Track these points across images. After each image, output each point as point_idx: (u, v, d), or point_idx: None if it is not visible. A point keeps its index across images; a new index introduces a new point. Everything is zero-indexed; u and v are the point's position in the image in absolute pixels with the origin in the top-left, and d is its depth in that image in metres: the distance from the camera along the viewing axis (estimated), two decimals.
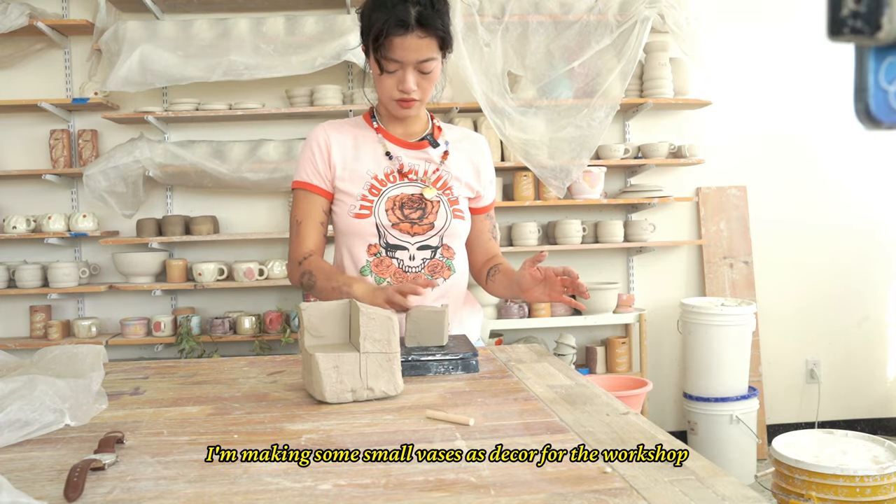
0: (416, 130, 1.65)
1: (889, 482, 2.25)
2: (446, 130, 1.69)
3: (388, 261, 1.58)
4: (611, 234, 3.51)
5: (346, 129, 1.64)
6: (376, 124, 1.63)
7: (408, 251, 1.58)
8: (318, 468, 0.82)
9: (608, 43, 3.33)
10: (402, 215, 1.57)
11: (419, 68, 1.49)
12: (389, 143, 1.61)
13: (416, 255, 1.58)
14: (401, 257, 1.57)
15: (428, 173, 1.60)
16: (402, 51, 1.45)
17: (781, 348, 3.85)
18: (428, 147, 1.63)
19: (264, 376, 1.31)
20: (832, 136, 3.83)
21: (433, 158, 1.62)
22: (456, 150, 1.66)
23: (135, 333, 3.35)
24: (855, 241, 3.87)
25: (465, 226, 1.63)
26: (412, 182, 1.59)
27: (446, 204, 1.59)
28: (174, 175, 3.34)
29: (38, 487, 0.79)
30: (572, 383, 1.20)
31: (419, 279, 1.53)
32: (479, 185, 1.68)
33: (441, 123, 1.70)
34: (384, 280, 1.58)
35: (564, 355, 3.49)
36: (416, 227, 1.57)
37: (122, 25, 3.25)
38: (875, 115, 0.46)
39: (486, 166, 1.70)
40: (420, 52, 1.46)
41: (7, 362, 1.29)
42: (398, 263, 1.58)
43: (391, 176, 1.59)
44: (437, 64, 1.51)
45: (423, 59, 1.47)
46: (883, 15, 0.43)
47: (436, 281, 1.58)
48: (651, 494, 0.72)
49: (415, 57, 1.46)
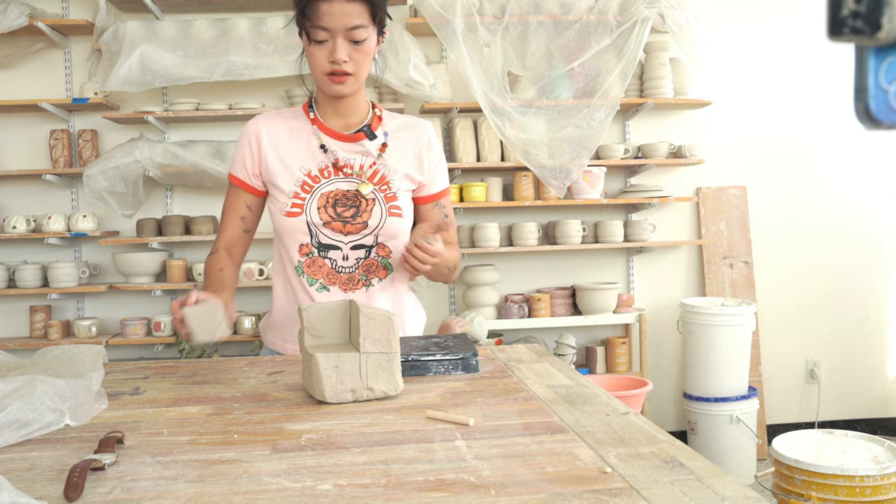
0: (354, 121, 1.56)
1: (889, 482, 2.25)
2: (388, 120, 1.60)
3: (320, 261, 1.53)
4: (611, 234, 3.51)
5: (282, 120, 1.58)
6: (312, 115, 1.56)
7: (341, 251, 1.53)
8: (318, 468, 0.82)
9: (608, 43, 3.33)
10: (335, 213, 1.51)
11: (349, 37, 1.42)
12: (324, 135, 1.54)
13: (349, 255, 1.53)
14: (334, 257, 1.53)
15: (364, 167, 1.54)
16: (330, 17, 1.40)
17: (781, 348, 3.85)
18: (364, 139, 1.55)
19: (264, 376, 1.31)
20: (832, 137, 3.83)
21: (370, 151, 1.55)
22: (396, 139, 1.58)
23: (135, 333, 3.35)
24: (855, 241, 3.87)
25: (403, 223, 1.56)
26: (348, 177, 1.53)
27: (382, 201, 1.53)
28: (174, 175, 3.34)
29: (38, 487, 0.79)
30: (572, 383, 1.20)
31: None
32: (421, 176, 1.59)
33: (385, 112, 1.61)
34: (316, 281, 1.54)
35: (564, 355, 3.49)
36: (349, 226, 1.51)
37: (122, 25, 3.25)
38: (875, 115, 0.46)
39: (431, 155, 1.60)
40: (349, 18, 1.40)
41: (7, 362, 1.29)
42: (331, 263, 1.53)
43: (325, 171, 1.53)
44: (369, 33, 1.44)
45: (353, 26, 1.41)
46: (883, 15, 0.43)
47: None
48: (651, 494, 0.72)
49: (343, 23, 1.40)
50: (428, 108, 3.43)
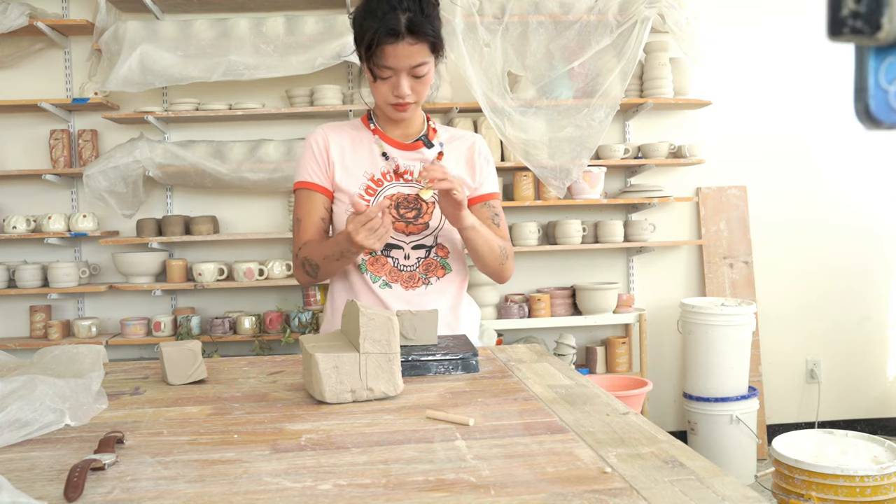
0: (412, 132, 1.67)
1: (889, 482, 2.25)
2: (441, 131, 1.70)
3: (383, 259, 1.60)
4: (611, 234, 3.51)
5: (344, 130, 1.67)
6: (373, 126, 1.66)
7: (402, 250, 1.59)
8: (318, 468, 0.82)
9: (608, 43, 3.33)
10: (398, 214, 1.58)
11: (412, 73, 1.50)
12: (386, 144, 1.64)
13: (410, 254, 1.60)
14: (396, 256, 1.59)
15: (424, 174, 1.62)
16: (395, 59, 1.47)
17: (781, 348, 3.85)
18: (423, 148, 1.64)
19: (264, 376, 1.31)
20: (832, 137, 3.83)
21: (428, 159, 1.64)
22: (450, 149, 1.67)
23: (135, 333, 3.35)
24: (855, 241, 3.87)
25: None
26: (408, 182, 1.62)
27: None
28: (174, 175, 3.34)
29: (38, 487, 0.79)
30: (572, 383, 1.20)
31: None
32: (473, 181, 1.67)
33: (437, 125, 1.72)
34: (379, 278, 1.60)
35: (564, 355, 3.49)
36: (411, 227, 1.59)
37: (122, 25, 3.25)
38: (875, 115, 0.46)
39: (482, 162, 1.69)
40: (412, 59, 1.48)
41: (7, 362, 1.29)
42: (393, 262, 1.60)
43: (387, 175, 1.62)
44: (429, 67, 1.52)
45: (416, 65, 1.49)
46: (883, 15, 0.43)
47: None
48: (651, 494, 0.72)
49: (407, 63, 1.48)
50: (428, 108, 3.41)
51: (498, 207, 1.72)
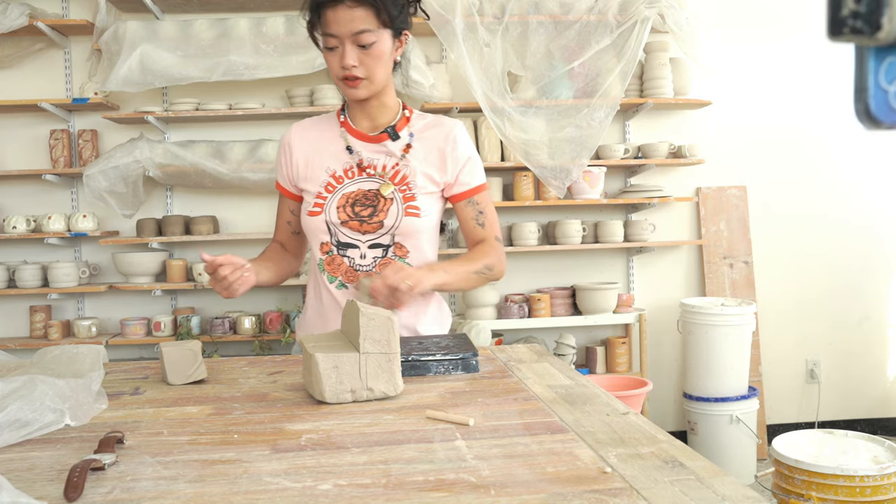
0: (382, 122, 1.60)
1: (889, 482, 2.25)
2: (416, 120, 1.62)
3: (339, 259, 1.57)
4: (611, 234, 3.51)
5: (315, 126, 1.65)
6: (343, 117, 1.62)
7: (359, 249, 1.56)
8: (318, 468, 0.82)
9: (608, 43, 3.33)
10: (353, 213, 1.55)
11: (357, 41, 1.45)
12: (351, 136, 1.59)
13: (367, 254, 1.56)
14: (352, 255, 1.57)
15: (387, 168, 1.57)
16: (336, 24, 1.43)
17: (781, 348, 3.85)
18: (387, 140, 1.58)
19: (264, 376, 1.31)
20: (832, 137, 3.83)
21: (393, 152, 1.57)
22: (421, 140, 1.59)
23: (135, 333, 3.35)
24: (855, 242, 3.87)
25: (421, 223, 1.56)
26: (371, 177, 1.56)
27: (399, 201, 1.55)
28: (174, 175, 3.34)
29: (38, 487, 0.79)
30: (572, 383, 1.20)
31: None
32: (443, 176, 1.59)
33: (416, 113, 1.63)
34: (336, 279, 1.58)
35: (564, 355, 3.49)
36: (366, 226, 1.55)
37: (122, 25, 3.25)
38: (875, 115, 0.46)
39: (456, 153, 1.59)
40: (353, 24, 1.43)
41: (7, 362, 1.29)
42: (349, 262, 1.57)
43: (350, 171, 1.57)
44: (376, 37, 1.45)
45: (358, 31, 1.43)
46: (883, 15, 0.43)
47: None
48: (651, 494, 0.72)
49: (348, 29, 1.43)
50: (428, 108, 3.43)
51: (484, 203, 1.62)
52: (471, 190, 1.61)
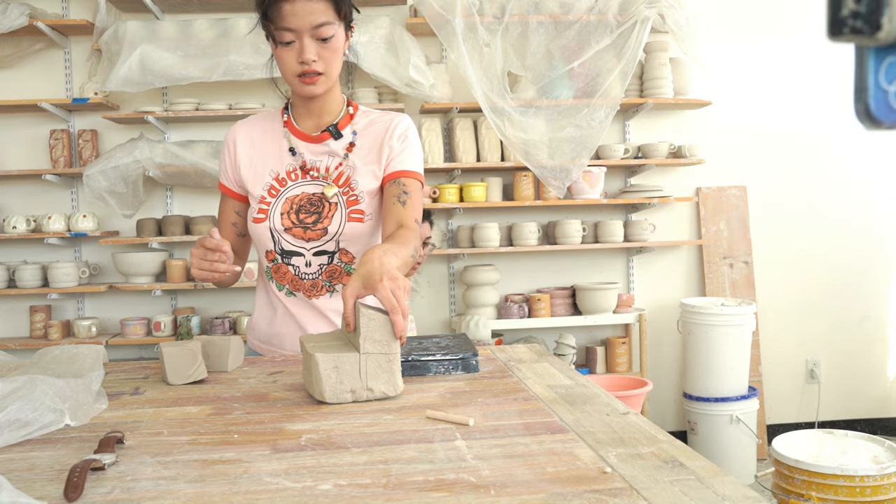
0: (326, 121, 1.53)
1: (889, 482, 2.25)
2: (360, 117, 1.54)
3: (284, 267, 1.51)
4: (611, 234, 3.51)
5: (257, 123, 1.57)
6: (286, 116, 1.54)
7: (303, 257, 1.49)
8: (318, 468, 0.82)
9: (608, 43, 3.33)
10: (297, 219, 1.47)
11: (316, 35, 1.38)
12: (294, 137, 1.52)
13: (312, 262, 1.49)
14: (297, 263, 1.49)
15: (330, 169, 1.50)
16: (294, 17, 1.35)
17: (781, 348, 3.85)
18: (329, 140, 1.51)
19: (264, 376, 1.31)
20: (832, 137, 3.83)
21: (336, 151, 1.50)
22: (364, 137, 1.51)
23: (135, 333, 3.35)
24: (855, 241, 3.87)
25: (365, 228, 1.49)
26: (314, 180, 1.50)
27: (343, 205, 1.48)
28: (174, 175, 3.34)
29: (38, 487, 0.79)
30: (572, 383, 1.20)
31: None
32: (381, 168, 1.50)
33: (361, 109, 1.56)
34: (284, 286, 1.52)
35: (564, 355, 3.49)
36: (310, 233, 1.47)
37: (122, 25, 3.25)
38: (875, 115, 0.46)
39: (393, 142, 1.50)
40: (313, 16, 1.36)
41: (7, 362, 1.29)
42: (294, 270, 1.50)
43: (293, 174, 1.50)
44: (335, 30, 1.39)
45: (318, 24, 1.37)
46: (883, 15, 0.43)
47: None
48: (651, 494, 0.72)
49: (308, 22, 1.36)
50: (428, 108, 3.43)
51: (410, 186, 1.48)
52: (399, 171, 1.49)
